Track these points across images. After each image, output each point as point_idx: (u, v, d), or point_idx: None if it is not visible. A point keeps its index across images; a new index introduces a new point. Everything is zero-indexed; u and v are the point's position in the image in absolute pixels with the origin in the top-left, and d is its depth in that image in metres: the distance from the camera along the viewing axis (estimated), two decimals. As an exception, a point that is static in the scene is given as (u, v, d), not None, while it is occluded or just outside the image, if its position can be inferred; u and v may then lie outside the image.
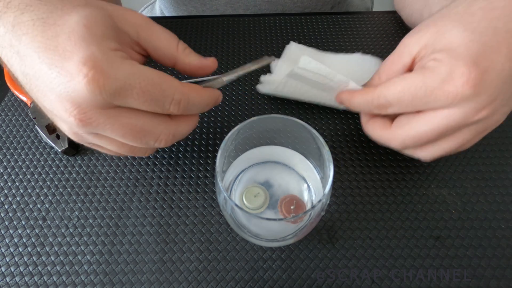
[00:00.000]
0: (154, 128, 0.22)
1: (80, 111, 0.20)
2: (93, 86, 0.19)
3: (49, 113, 0.23)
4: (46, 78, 0.20)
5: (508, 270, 0.26)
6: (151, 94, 0.21)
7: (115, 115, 0.21)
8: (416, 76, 0.23)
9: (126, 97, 0.20)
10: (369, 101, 0.26)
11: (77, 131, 0.22)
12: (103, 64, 0.19)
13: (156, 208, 0.30)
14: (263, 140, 0.29)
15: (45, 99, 0.21)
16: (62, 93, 0.20)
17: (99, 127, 0.21)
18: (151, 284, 0.27)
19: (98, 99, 0.19)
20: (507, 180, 0.31)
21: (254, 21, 0.46)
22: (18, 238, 0.29)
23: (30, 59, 0.20)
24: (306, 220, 0.24)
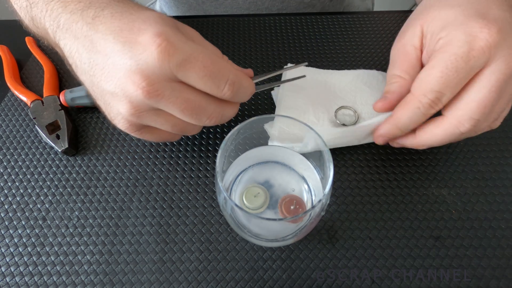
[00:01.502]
0: (208, 105, 0.24)
1: (149, 83, 0.22)
2: (163, 55, 0.21)
3: (108, 96, 0.24)
4: (117, 56, 0.22)
5: (508, 270, 0.26)
6: (211, 70, 0.23)
7: (178, 89, 0.23)
8: (442, 58, 0.24)
9: (190, 69, 0.22)
10: (417, 107, 0.25)
11: (138, 109, 0.23)
12: (173, 38, 0.22)
13: (156, 208, 0.30)
14: (263, 140, 0.29)
15: (110, 80, 0.23)
16: (133, 66, 0.22)
17: (163, 100, 0.22)
18: (151, 284, 0.27)
19: (166, 70, 0.22)
20: (507, 180, 0.31)
21: (254, 21, 0.46)
22: (18, 238, 0.29)
23: (103, 42, 0.23)
24: (306, 220, 0.24)
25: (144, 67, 0.22)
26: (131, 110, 0.23)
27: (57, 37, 0.26)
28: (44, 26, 0.27)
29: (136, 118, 0.24)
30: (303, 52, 0.42)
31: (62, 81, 0.40)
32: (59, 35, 0.25)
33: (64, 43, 0.25)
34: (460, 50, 0.23)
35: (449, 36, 0.24)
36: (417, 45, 0.28)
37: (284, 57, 0.42)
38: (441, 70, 0.24)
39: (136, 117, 0.24)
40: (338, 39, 0.44)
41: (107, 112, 0.26)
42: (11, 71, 0.39)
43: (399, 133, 0.28)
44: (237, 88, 0.24)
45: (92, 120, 0.36)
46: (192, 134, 0.28)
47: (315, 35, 0.44)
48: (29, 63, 0.42)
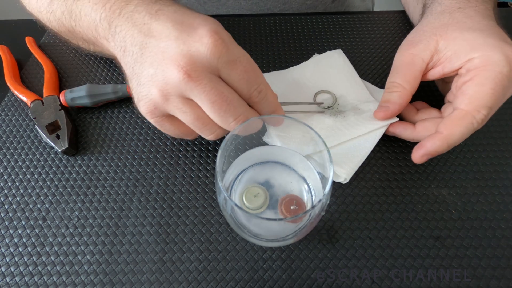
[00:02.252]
0: (239, 105, 0.25)
1: (192, 67, 0.23)
2: (216, 50, 0.24)
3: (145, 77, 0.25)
4: (172, 41, 0.24)
5: (508, 270, 0.26)
6: (249, 75, 0.25)
7: (216, 81, 0.24)
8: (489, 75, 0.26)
9: (233, 69, 0.25)
10: (471, 122, 0.26)
11: (170, 91, 0.24)
12: (227, 39, 0.25)
13: (156, 208, 0.30)
14: (263, 140, 0.29)
15: (155, 61, 0.24)
16: (184, 51, 0.24)
17: (199, 86, 0.24)
18: (151, 284, 0.27)
19: (213, 62, 0.24)
20: (507, 180, 0.31)
21: (255, 21, 0.46)
22: (18, 238, 0.29)
23: (161, 28, 0.25)
24: (306, 220, 0.24)
25: (195, 54, 0.24)
26: (162, 91, 0.24)
27: (112, 26, 0.27)
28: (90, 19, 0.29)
29: (163, 101, 0.25)
30: (303, 52, 0.42)
31: (62, 81, 0.40)
32: (115, 23, 0.27)
33: (120, 29, 0.27)
34: (504, 69, 0.26)
35: (485, 56, 0.27)
36: (426, 59, 0.30)
37: (285, 57, 0.42)
38: (492, 87, 0.26)
39: (164, 100, 0.25)
40: (338, 39, 0.44)
41: (137, 93, 0.26)
42: (11, 71, 0.39)
43: (446, 149, 0.27)
44: (262, 96, 0.26)
45: (92, 120, 0.36)
46: (211, 137, 0.28)
47: (315, 35, 0.44)
48: (29, 63, 0.42)
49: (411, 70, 0.30)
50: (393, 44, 0.42)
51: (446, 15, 0.31)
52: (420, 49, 0.30)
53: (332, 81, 0.37)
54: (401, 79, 0.30)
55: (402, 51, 0.31)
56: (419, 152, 0.28)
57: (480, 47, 0.27)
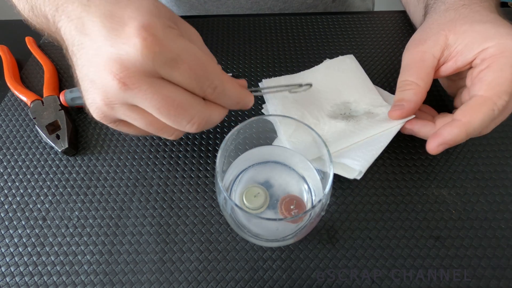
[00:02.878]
0: (190, 107, 0.23)
1: (126, 74, 0.21)
2: (147, 51, 0.20)
3: (87, 83, 0.23)
4: (101, 42, 0.21)
5: (508, 270, 0.26)
6: (196, 73, 0.22)
7: (158, 85, 0.21)
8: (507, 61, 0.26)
9: (174, 69, 0.21)
10: (492, 109, 0.25)
11: (112, 100, 0.22)
12: (161, 34, 0.21)
13: (156, 208, 0.30)
14: (263, 140, 0.29)
15: (91, 65, 0.22)
16: (114, 55, 0.21)
17: (139, 94, 0.21)
18: (151, 284, 0.27)
19: (148, 65, 0.20)
20: (507, 180, 0.31)
21: (254, 21, 0.46)
22: (18, 238, 0.29)
23: (91, 25, 0.22)
24: (306, 220, 0.24)
25: (125, 57, 0.20)
26: (105, 100, 0.22)
27: (56, 21, 0.25)
28: (44, 13, 0.26)
29: (109, 110, 0.23)
30: (303, 52, 0.42)
31: (62, 81, 0.40)
32: (57, 18, 0.24)
33: (61, 25, 0.24)
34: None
35: (501, 44, 0.26)
36: (437, 54, 0.29)
37: (285, 57, 0.42)
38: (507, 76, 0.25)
39: (109, 109, 0.23)
40: (338, 39, 0.44)
41: (85, 99, 0.24)
42: (11, 71, 0.39)
43: (464, 138, 0.26)
44: (218, 93, 0.23)
45: (92, 120, 0.36)
46: (171, 138, 0.26)
47: (315, 35, 0.44)
48: (29, 63, 0.42)
49: (422, 67, 0.29)
50: (393, 44, 0.42)
51: (451, 11, 0.30)
52: (430, 46, 0.29)
53: (344, 86, 0.36)
54: (413, 77, 0.29)
55: (411, 49, 0.30)
56: (436, 141, 0.26)
57: (493, 37, 0.27)
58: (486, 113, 0.25)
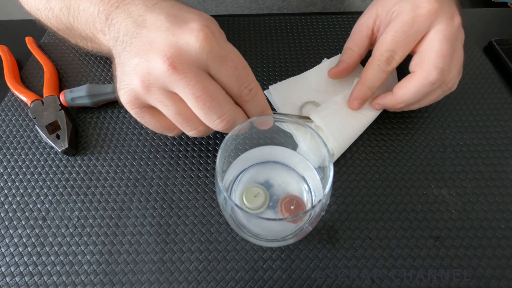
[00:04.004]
0: (225, 103, 0.24)
1: (179, 60, 0.23)
2: (206, 44, 0.23)
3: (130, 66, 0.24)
4: (162, 32, 0.24)
5: (508, 270, 0.26)
6: (239, 72, 0.24)
7: (203, 76, 0.23)
8: (393, 25, 0.30)
9: (223, 65, 0.24)
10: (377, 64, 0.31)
11: (152, 82, 0.24)
12: (218, 35, 0.24)
13: (156, 208, 0.30)
14: (263, 140, 0.29)
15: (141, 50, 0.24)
16: (173, 42, 0.23)
17: (183, 80, 0.23)
18: (151, 284, 0.27)
19: (202, 57, 0.23)
20: (507, 180, 0.31)
21: (255, 21, 0.46)
22: (18, 238, 0.29)
23: (154, 20, 0.24)
24: (306, 220, 0.24)
25: (183, 46, 0.23)
26: (144, 82, 0.24)
27: (112, 17, 0.27)
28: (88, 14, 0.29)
29: (144, 92, 0.24)
30: (303, 52, 0.42)
31: (62, 81, 0.40)
32: (112, 15, 0.27)
33: (116, 20, 0.26)
34: (406, 16, 0.30)
35: (400, 8, 0.31)
36: (370, 24, 0.34)
37: (284, 57, 0.42)
38: (392, 34, 0.30)
39: (145, 91, 0.24)
40: (338, 39, 0.44)
41: (119, 81, 0.26)
42: (11, 71, 0.39)
43: (369, 92, 0.32)
44: (252, 95, 0.26)
45: (92, 120, 0.36)
46: (192, 133, 0.27)
47: (315, 35, 0.44)
48: (29, 63, 0.42)
49: (359, 35, 0.35)
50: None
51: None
52: (365, 18, 0.35)
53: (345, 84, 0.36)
54: (350, 44, 0.35)
55: (356, 23, 0.36)
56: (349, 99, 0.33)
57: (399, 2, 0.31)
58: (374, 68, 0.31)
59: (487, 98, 0.37)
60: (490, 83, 0.38)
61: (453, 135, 0.34)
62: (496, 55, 0.41)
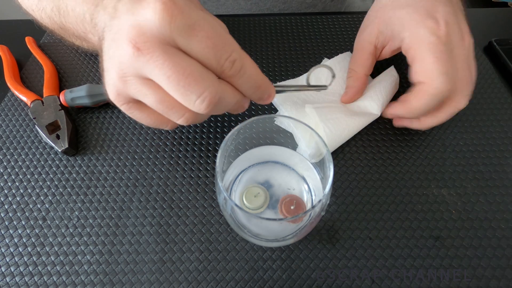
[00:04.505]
0: (202, 79, 0.21)
1: (142, 39, 0.20)
2: (165, 14, 0.20)
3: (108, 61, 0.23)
4: (124, 13, 0.22)
5: (508, 270, 0.26)
6: (214, 42, 0.21)
7: (171, 52, 0.21)
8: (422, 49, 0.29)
9: (191, 36, 0.21)
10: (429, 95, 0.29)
11: (125, 72, 0.22)
12: (182, 2, 0.21)
13: (156, 208, 0.30)
14: (263, 140, 0.29)
15: (113, 42, 0.22)
16: (133, 21, 0.21)
17: (151, 60, 0.20)
18: (151, 284, 0.27)
19: (165, 30, 0.20)
20: (507, 180, 0.31)
21: (254, 21, 0.46)
22: (18, 238, 0.29)
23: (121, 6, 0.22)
24: (306, 220, 0.24)
25: (143, 23, 0.20)
26: (119, 73, 0.22)
27: (94, 17, 0.26)
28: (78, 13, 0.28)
29: (122, 85, 0.22)
30: (303, 52, 0.42)
31: (62, 81, 0.40)
32: (95, 14, 0.25)
33: (98, 20, 0.25)
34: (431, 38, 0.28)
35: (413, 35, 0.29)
36: (373, 41, 0.33)
37: (284, 57, 0.42)
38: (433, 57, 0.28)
39: (123, 83, 0.22)
40: (338, 39, 0.44)
41: (105, 81, 0.24)
42: (11, 71, 0.39)
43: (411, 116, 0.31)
44: (237, 68, 0.22)
45: (92, 120, 0.36)
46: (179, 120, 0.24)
47: (315, 35, 0.44)
48: (29, 63, 0.42)
49: (361, 54, 0.34)
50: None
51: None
52: (367, 34, 0.34)
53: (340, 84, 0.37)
54: (353, 65, 0.34)
55: (357, 38, 0.35)
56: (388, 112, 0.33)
57: (408, 26, 0.30)
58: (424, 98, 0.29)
59: (487, 98, 0.37)
60: (490, 83, 0.38)
61: (453, 135, 0.34)
62: (496, 55, 0.41)
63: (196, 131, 0.35)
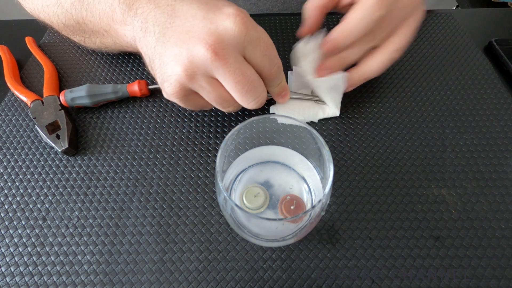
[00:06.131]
0: (259, 86, 0.27)
1: (221, 46, 0.24)
2: (243, 27, 0.24)
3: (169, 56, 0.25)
4: (198, 20, 0.25)
5: (508, 270, 0.26)
6: (270, 51, 0.26)
7: (240, 61, 0.25)
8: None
9: (257, 47, 0.25)
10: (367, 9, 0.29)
11: (195, 70, 0.25)
12: (251, 18, 0.25)
13: (156, 208, 0.30)
14: (263, 140, 0.29)
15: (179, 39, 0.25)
16: (212, 29, 0.24)
17: (225, 66, 0.24)
18: (151, 284, 0.27)
19: (241, 40, 0.24)
20: (507, 180, 0.31)
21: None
22: (18, 238, 0.29)
23: (186, 9, 0.25)
24: (306, 220, 0.24)
25: (223, 32, 0.24)
26: (188, 70, 0.25)
27: (136, 7, 0.27)
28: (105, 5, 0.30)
29: (188, 80, 0.25)
30: (303, 52, 0.42)
31: (62, 81, 0.40)
32: (136, 5, 0.27)
33: (142, 10, 0.27)
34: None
35: None
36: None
37: (284, 57, 0.42)
38: None
39: (189, 79, 0.25)
40: (338, 39, 0.44)
41: (161, 73, 0.26)
42: (11, 71, 0.39)
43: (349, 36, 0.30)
44: (280, 70, 0.28)
45: (92, 120, 0.36)
46: (226, 110, 0.30)
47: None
48: (29, 63, 0.42)
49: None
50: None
51: None
52: None
53: None
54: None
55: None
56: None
57: None
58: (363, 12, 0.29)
59: (487, 98, 0.37)
60: (490, 83, 0.38)
61: (453, 135, 0.34)
62: (496, 55, 0.41)
63: (196, 131, 0.35)
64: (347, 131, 0.35)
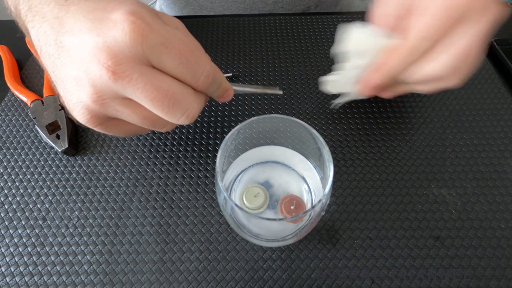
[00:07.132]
0: (184, 98, 0.21)
1: (115, 62, 0.19)
2: (136, 34, 0.19)
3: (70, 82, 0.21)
4: (85, 34, 0.20)
5: (508, 270, 0.26)
6: (187, 58, 0.21)
7: (149, 74, 0.20)
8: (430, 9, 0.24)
9: (164, 54, 0.20)
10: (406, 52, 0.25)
11: (101, 95, 0.21)
12: (149, 19, 0.20)
13: (156, 208, 0.30)
14: (263, 140, 0.29)
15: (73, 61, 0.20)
16: (100, 44, 0.19)
17: (130, 83, 0.20)
18: (151, 284, 0.27)
19: (138, 50, 0.19)
20: (507, 180, 0.31)
21: (254, 21, 0.46)
22: (18, 238, 0.29)
23: (72, 21, 0.20)
24: (306, 220, 0.24)
25: (112, 44, 0.19)
26: (93, 96, 0.20)
27: (27, 21, 0.23)
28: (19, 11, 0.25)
29: (99, 107, 0.21)
30: (303, 52, 0.42)
31: (62, 81, 0.40)
32: (28, 17, 0.23)
33: (32, 25, 0.22)
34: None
35: None
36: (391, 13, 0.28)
37: (284, 57, 0.42)
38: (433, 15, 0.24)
39: (99, 105, 0.21)
40: (338, 39, 0.44)
41: (67, 101, 0.22)
42: (11, 71, 0.39)
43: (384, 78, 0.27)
44: (211, 80, 0.23)
45: (92, 120, 0.36)
46: (163, 130, 0.25)
47: (315, 35, 0.44)
48: (29, 63, 0.42)
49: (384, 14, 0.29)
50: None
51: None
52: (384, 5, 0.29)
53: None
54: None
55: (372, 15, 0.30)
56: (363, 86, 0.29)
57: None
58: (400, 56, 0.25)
59: (487, 98, 0.37)
60: (490, 83, 0.38)
61: (453, 135, 0.34)
62: (496, 55, 0.41)
63: (196, 131, 0.35)
64: (347, 131, 0.35)
